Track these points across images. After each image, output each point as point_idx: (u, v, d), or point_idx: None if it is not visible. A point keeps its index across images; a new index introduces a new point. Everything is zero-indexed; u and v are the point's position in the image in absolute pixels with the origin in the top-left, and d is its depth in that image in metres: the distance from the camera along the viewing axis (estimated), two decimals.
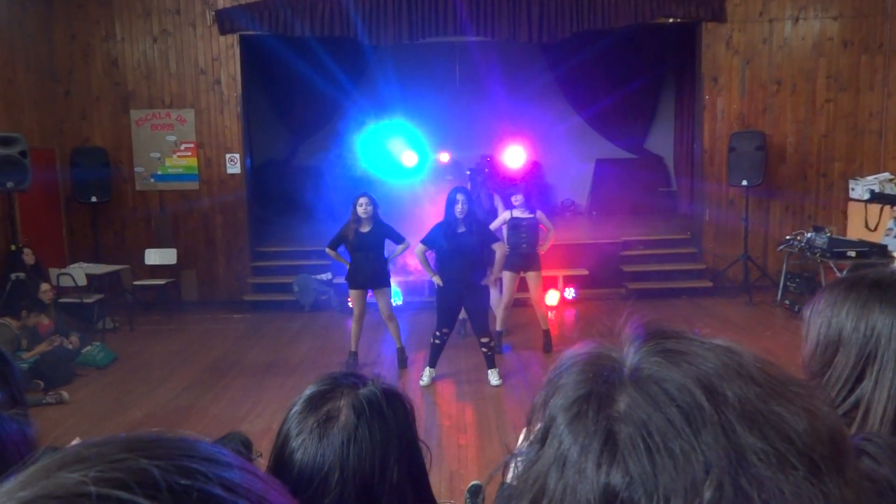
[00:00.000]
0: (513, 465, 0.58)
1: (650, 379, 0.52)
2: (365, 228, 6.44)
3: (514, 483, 0.55)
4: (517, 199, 6.77)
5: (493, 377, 6.20)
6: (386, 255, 6.62)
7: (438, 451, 4.85)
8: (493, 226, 6.79)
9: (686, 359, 0.52)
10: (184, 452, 0.44)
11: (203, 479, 0.42)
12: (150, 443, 0.44)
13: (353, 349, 6.73)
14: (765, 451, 0.48)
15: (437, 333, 6.21)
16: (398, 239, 6.58)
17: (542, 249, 6.95)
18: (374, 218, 6.46)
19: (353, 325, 6.75)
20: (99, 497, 0.39)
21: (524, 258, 6.81)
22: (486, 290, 6.29)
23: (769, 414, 0.49)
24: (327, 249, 6.68)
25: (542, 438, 0.54)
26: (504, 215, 6.90)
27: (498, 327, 7.06)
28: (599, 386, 0.53)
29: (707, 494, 0.46)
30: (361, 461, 1.09)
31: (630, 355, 0.55)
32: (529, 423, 0.58)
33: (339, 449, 1.09)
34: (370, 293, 6.68)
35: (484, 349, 6.23)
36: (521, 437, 1.08)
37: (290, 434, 1.13)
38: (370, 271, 6.48)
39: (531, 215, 6.79)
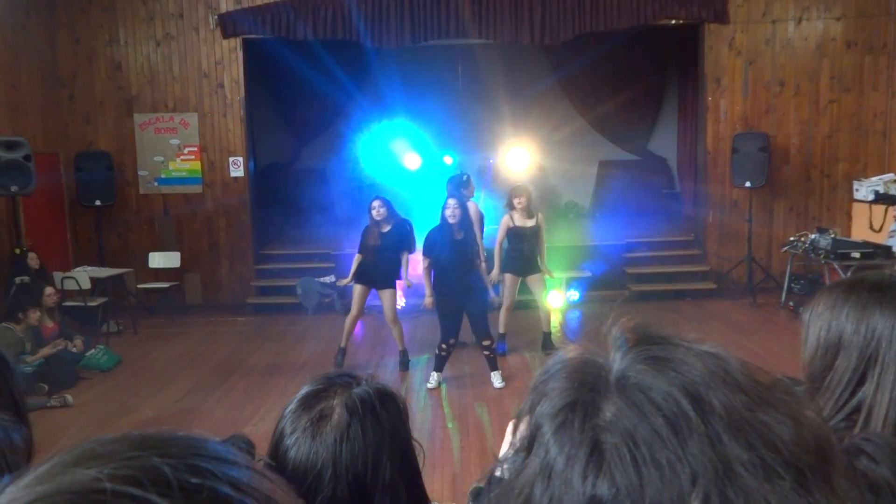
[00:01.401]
0: (498, 472, 0.58)
1: (636, 387, 0.51)
2: (386, 228, 6.48)
3: (499, 492, 0.55)
4: (520, 201, 6.73)
5: (497, 379, 6.19)
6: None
7: (441, 454, 4.85)
8: (499, 238, 6.75)
9: (672, 366, 0.52)
10: (194, 451, 0.45)
11: (212, 477, 0.43)
12: (162, 441, 0.45)
13: (342, 345, 6.73)
14: (751, 461, 0.47)
15: (444, 346, 6.17)
16: (408, 246, 6.55)
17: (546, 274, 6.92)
18: (392, 217, 6.50)
19: (347, 321, 6.71)
20: (114, 493, 0.40)
21: (526, 261, 6.79)
22: (485, 292, 6.25)
23: (755, 423, 0.49)
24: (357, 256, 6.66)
25: (528, 446, 0.54)
26: (504, 221, 6.80)
27: (501, 329, 7.05)
28: (585, 394, 0.52)
29: None
30: (354, 459, 1.10)
31: (616, 362, 0.54)
32: (514, 429, 0.58)
33: (332, 447, 1.10)
34: (375, 294, 6.66)
35: (486, 352, 6.22)
36: (506, 441, 1.07)
37: (285, 432, 1.15)
38: (380, 271, 6.50)
39: (532, 222, 6.73)
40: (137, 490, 0.40)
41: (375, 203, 6.49)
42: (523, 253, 6.75)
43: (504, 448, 1.12)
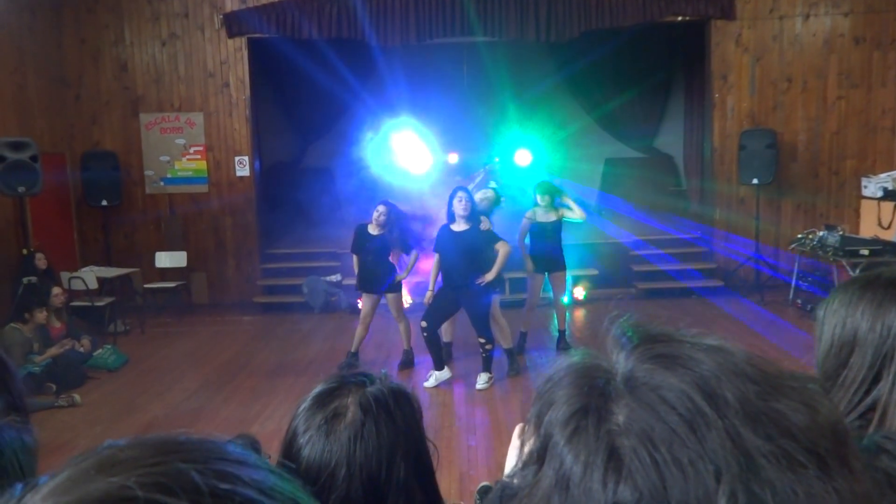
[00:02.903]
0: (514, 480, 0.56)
1: (646, 387, 0.50)
2: (375, 231, 6.47)
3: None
4: (544, 198, 6.68)
5: (481, 381, 6.13)
6: (395, 264, 6.62)
7: (448, 453, 4.84)
8: (521, 237, 6.73)
9: (680, 362, 0.51)
10: (216, 455, 0.44)
11: (240, 482, 0.42)
12: (181, 445, 0.44)
13: (353, 350, 6.72)
14: (772, 451, 0.46)
15: (421, 326, 6.10)
16: (407, 248, 6.54)
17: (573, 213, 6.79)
18: (388, 224, 6.46)
19: (359, 327, 6.72)
20: (147, 501, 0.39)
21: (546, 258, 6.76)
22: (485, 291, 6.10)
23: (770, 412, 0.48)
24: (353, 256, 6.68)
25: (540, 458, 0.52)
26: (527, 217, 6.75)
27: (522, 328, 7.03)
28: (595, 398, 0.51)
29: None
30: (368, 458, 1.09)
31: (621, 363, 0.53)
32: (521, 433, 0.57)
33: (346, 446, 1.10)
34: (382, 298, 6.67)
35: (481, 351, 6.19)
36: (512, 446, 1.05)
37: (298, 431, 1.14)
38: (380, 275, 6.49)
39: (554, 217, 6.69)
40: (170, 498, 0.39)
41: (381, 208, 6.47)
42: (544, 249, 6.74)
43: (511, 453, 1.10)
